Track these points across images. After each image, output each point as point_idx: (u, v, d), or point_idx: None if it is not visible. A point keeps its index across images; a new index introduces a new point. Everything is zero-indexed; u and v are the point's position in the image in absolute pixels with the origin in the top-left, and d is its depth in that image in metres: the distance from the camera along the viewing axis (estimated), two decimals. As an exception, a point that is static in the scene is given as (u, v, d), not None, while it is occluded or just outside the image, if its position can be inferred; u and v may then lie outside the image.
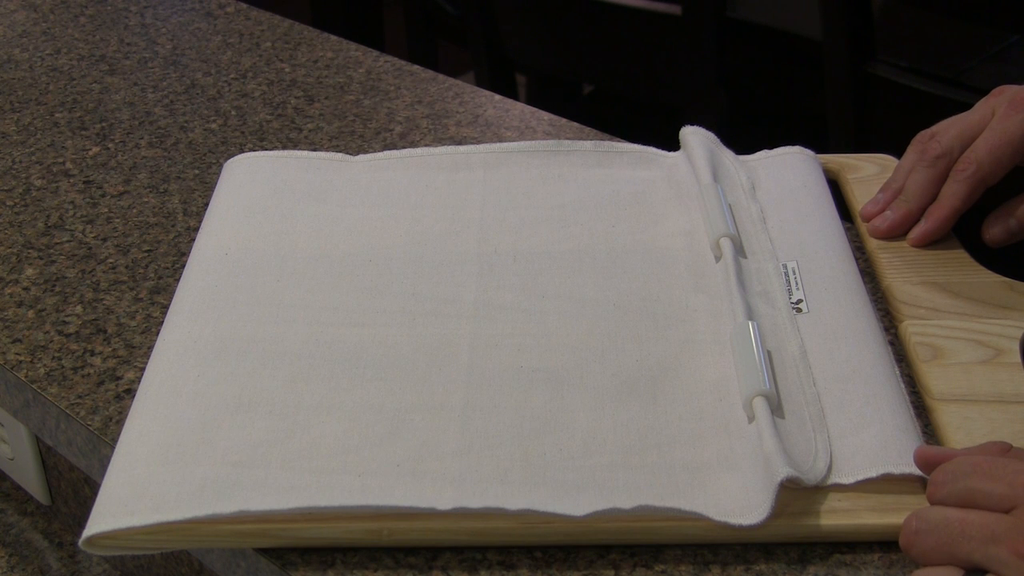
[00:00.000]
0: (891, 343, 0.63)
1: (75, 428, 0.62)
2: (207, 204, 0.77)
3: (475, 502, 0.52)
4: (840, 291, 0.64)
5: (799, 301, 0.64)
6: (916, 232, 0.69)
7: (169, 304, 0.67)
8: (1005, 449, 0.51)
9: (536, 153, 0.77)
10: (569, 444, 0.55)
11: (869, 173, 0.76)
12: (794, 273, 0.66)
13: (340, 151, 0.82)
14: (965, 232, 0.70)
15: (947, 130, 0.70)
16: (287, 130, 0.87)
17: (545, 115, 0.88)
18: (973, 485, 0.49)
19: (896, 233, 0.69)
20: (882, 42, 1.27)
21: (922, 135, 0.71)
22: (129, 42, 1.01)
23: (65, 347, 0.66)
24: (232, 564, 0.56)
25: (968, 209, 0.69)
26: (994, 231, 0.69)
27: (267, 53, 0.99)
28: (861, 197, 0.73)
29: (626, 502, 0.52)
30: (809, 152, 0.76)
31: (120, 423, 0.60)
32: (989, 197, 0.69)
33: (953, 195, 0.68)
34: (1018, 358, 0.60)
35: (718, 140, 0.77)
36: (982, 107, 0.70)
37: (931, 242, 0.69)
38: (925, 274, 0.66)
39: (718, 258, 0.67)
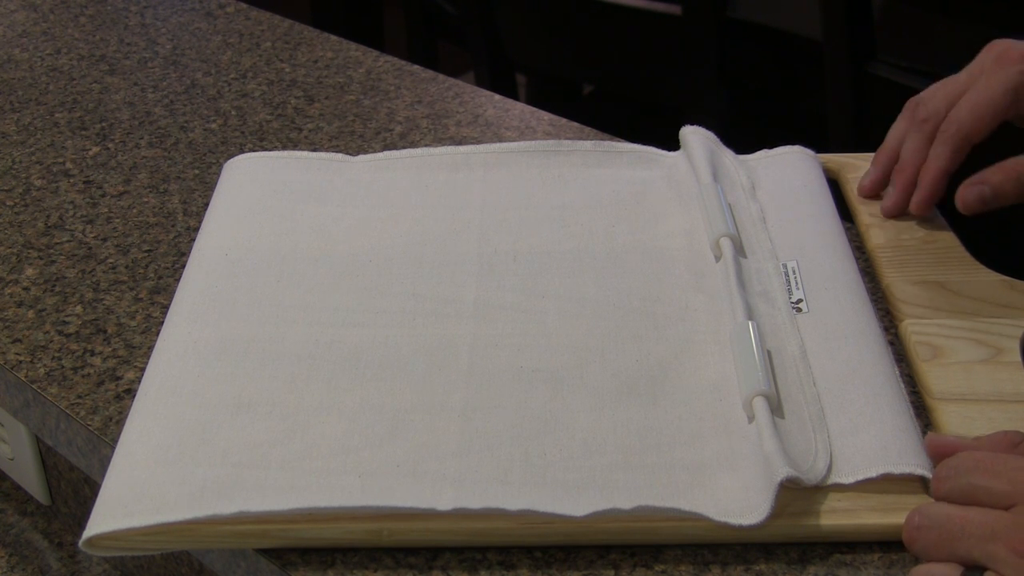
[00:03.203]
0: (891, 343, 0.63)
1: (75, 428, 0.62)
2: (207, 204, 0.77)
3: (475, 502, 0.52)
4: (840, 291, 0.64)
5: (799, 301, 0.64)
6: (912, 204, 0.69)
7: (169, 304, 0.67)
8: (1016, 441, 0.51)
9: (536, 153, 0.77)
10: (569, 444, 0.55)
11: (869, 173, 0.75)
12: (794, 273, 0.66)
13: (340, 151, 0.82)
14: (965, 231, 0.69)
15: (935, 93, 0.69)
16: (287, 130, 0.87)
17: (545, 115, 0.88)
18: (975, 481, 0.49)
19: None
20: (882, 42, 1.27)
21: (911, 101, 0.70)
22: (129, 42, 1.01)
23: (65, 347, 0.66)
24: (232, 564, 0.56)
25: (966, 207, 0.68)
26: (967, 198, 0.66)
27: (267, 53, 0.99)
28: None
29: (626, 502, 0.52)
30: (809, 152, 0.76)
31: (120, 423, 0.60)
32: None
33: (938, 157, 0.68)
34: (1018, 357, 0.59)
35: (718, 140, 0.77)
36: (972, 66, 0.69)
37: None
38: (925, 273, 0.66)
39: (718, 258, 0.67)
